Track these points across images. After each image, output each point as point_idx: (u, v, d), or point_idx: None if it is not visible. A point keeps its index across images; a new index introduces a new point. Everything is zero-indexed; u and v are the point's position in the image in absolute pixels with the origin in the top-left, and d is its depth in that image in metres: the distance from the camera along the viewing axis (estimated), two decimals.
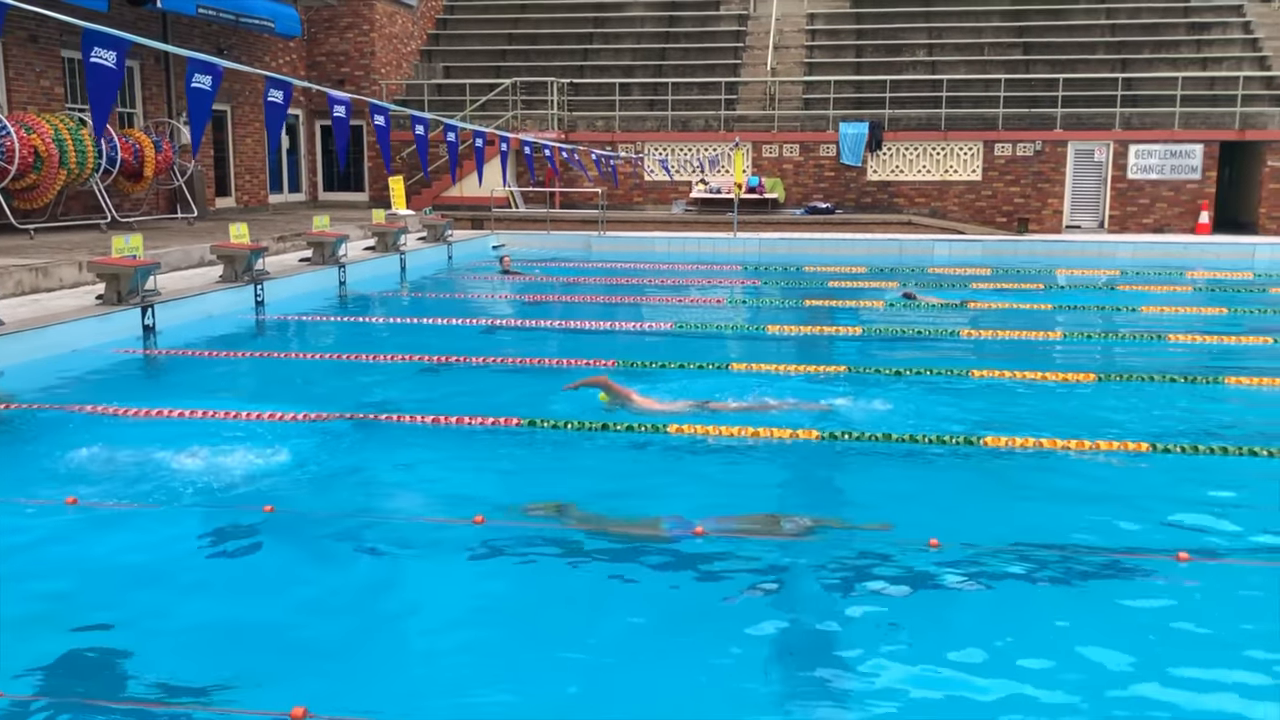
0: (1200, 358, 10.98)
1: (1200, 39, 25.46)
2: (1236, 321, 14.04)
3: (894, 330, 12.24)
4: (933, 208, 24.45)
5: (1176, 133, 23.24)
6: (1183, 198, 23.40)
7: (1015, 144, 23.90)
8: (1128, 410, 8.39)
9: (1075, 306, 14.75)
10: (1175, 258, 20.43)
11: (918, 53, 26.50)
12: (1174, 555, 5.27)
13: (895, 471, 6.89)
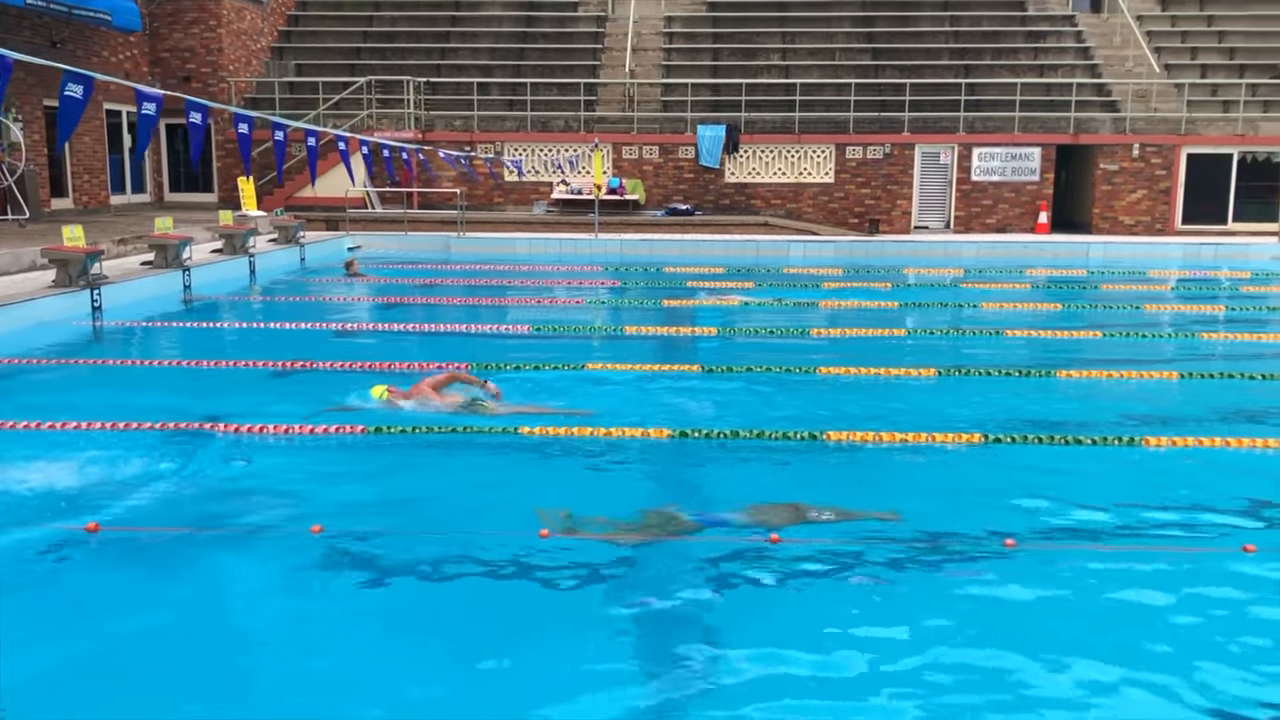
0: (1036, 352, 11.49)
1: (1037, 47, 26.69)
2: (1071, 316, 14.73)
3: (749, 330, 12.44)
4: (788, 209, 24.98)
5: (1016, 136, 24.30)
6: (1023, 199, 24.48)
7: (866, 147, 24.61)
8: (964, 403, 8.72)
9: (921, 304, 15.25)
10: (1016, 256, 21.36)
11: (772, 57, 27.04)
12: (1003, 541, 5.50)
13: (742, 468, 7.00)
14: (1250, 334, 12.65)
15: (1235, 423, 8.20)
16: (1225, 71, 25.58)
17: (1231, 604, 4.96)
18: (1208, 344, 12.06)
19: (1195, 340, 12.25)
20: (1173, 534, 5.80)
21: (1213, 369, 10.51)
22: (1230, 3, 27.72)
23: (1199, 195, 24.43)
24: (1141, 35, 26.35)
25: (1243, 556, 5.40)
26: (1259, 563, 5.34)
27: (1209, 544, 5.70)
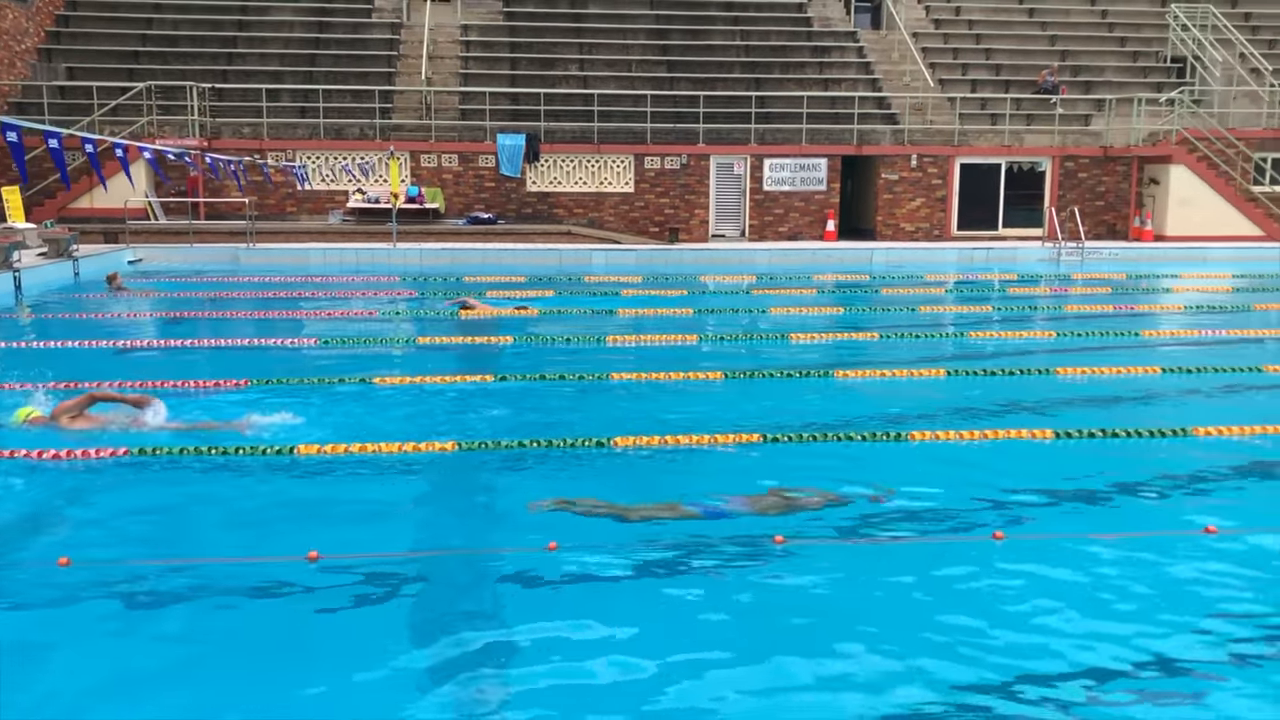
0: (818, 354, 11.94)
1: (822, 61, 27.85)
2: (855, 320, 15.42)
3: (547, 338, 12.47)
4: (590, 218, 25.19)
5: (804, 148, 25.28)
6: (812, 207, 25.48)
7: (663, 157, 25.09)
8: (748, 404, 8.99)
9: (716, 310, 15.65)
10: (806, 263, 22.19)
11: (570, 67, 27.22)
12: (772, 539, 5.70)
13: (517, 477, 6.99)
14: (1016, 331, 13.55)
15: (996, 416, 8.75)
16: (993, 87, 27.36)
17: (980, 592, 5.29)
18: (977, 343, 12.83)
19: (965, 340, 13.02)
20: (930, 526, 6.14)
21: (979, 366, 11.15)
22: (995, 24, 29.68)
23: (973, 202, 26.03)
24: (917, 51, 27.88)
25: (993, 544, 5.77)
26: (1006, 551, 5.72)
27: (964, 534, 6.05)
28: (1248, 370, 10.46)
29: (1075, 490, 6.70)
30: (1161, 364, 10.71)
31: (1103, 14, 30.38)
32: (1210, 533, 5.90)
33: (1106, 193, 26.23)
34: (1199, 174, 25.26)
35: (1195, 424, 8.19)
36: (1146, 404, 9.42)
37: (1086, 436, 7.89)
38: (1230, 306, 16.27)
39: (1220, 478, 7.15)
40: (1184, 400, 9.57)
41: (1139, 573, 5.46)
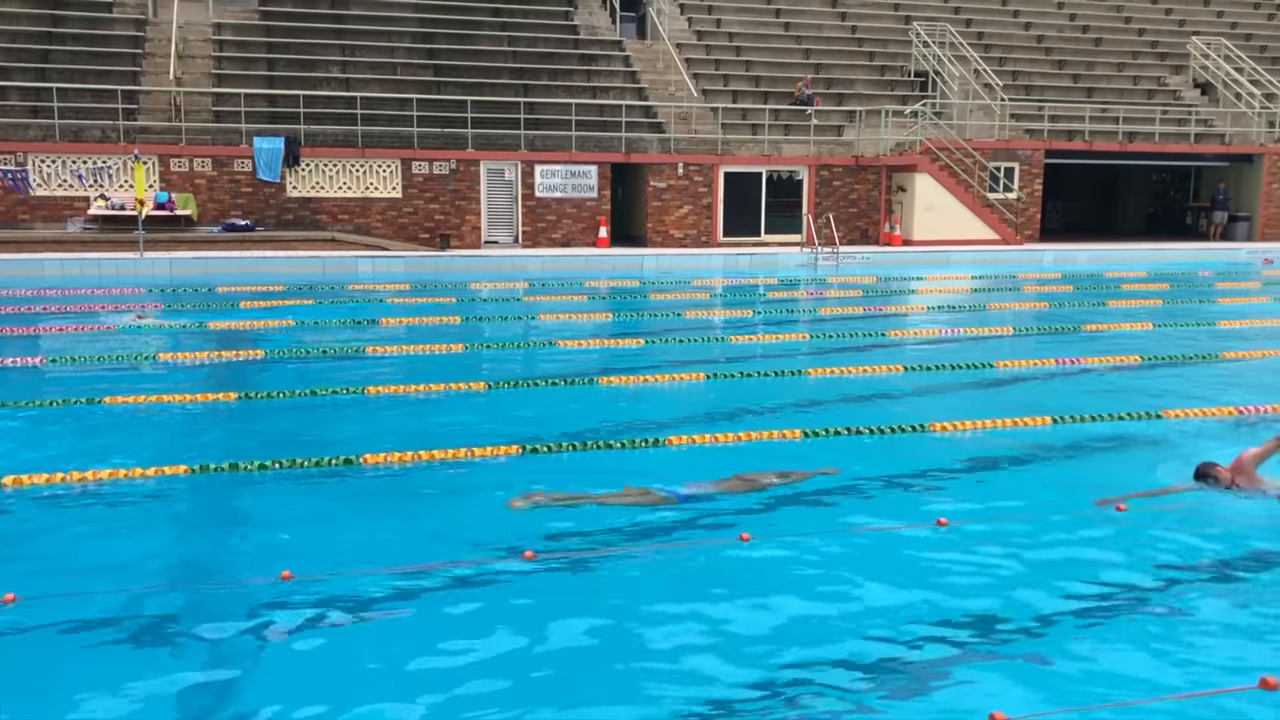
0: (588, 360, 11.99)
1: (589, 69, 28.07)
2: (625, 326, 15.56)
3: (300, 352, 11.94)
4: (357, 224, 24.43)
5: (574, 154, 25.39)
6: (584, 214, 25.62)
7: (432, 162, 24.63)
8: (509, 415, 8.88)
9: (485, 318, 15.44)
10: (579, 269, 22.30)
11: (332, 69, 26.33)
12: (521, 555, 5.60)
13: (272, 500, 6.64)
14: (775, 334, 14.02)
15: (751, 418, 8.99)
16: (753, 97, 28.33)
17: (725, 594, 5.37)
18: (738, 346, 13.20)
19: (727, 343, 13.36)
20: (683, 532, 6.20)
21: (738, 369, 11.44)
22: (754, 37, 30.77)
23: (737, 210, 26.84)
24: (681, 62, 28.54)
25: (740, 545, 5.88)
26: (754, 549, 5.84)
27: (713, 536, 6.14)
28: (981, 366, 11.19)
29: (818, 489, 6.94)
30: (904, 362, 11.31)
31: (852, 29, 32.03)
32: (941, 525, 6.22)
33: (859, 200, 27.62)
34: (941, 182, 26.97)
35: (932, 419, 8.67)
36: (891, 401, 9.91)
37: (832, 435, 8.21)
38: (967, 306, 17.42)
39: (953, 471, 7.58)
40: (923, 396, 10.13)
41: (875, 565, 5.69)
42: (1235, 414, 9.10)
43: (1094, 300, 17.67)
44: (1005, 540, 6.06)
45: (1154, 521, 6.39)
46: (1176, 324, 14.61)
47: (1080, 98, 30.68)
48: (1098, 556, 5.89)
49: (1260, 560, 5.90)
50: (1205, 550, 6.01)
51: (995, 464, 7.65)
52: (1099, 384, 10.64)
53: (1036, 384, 10.68)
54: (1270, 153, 29.95)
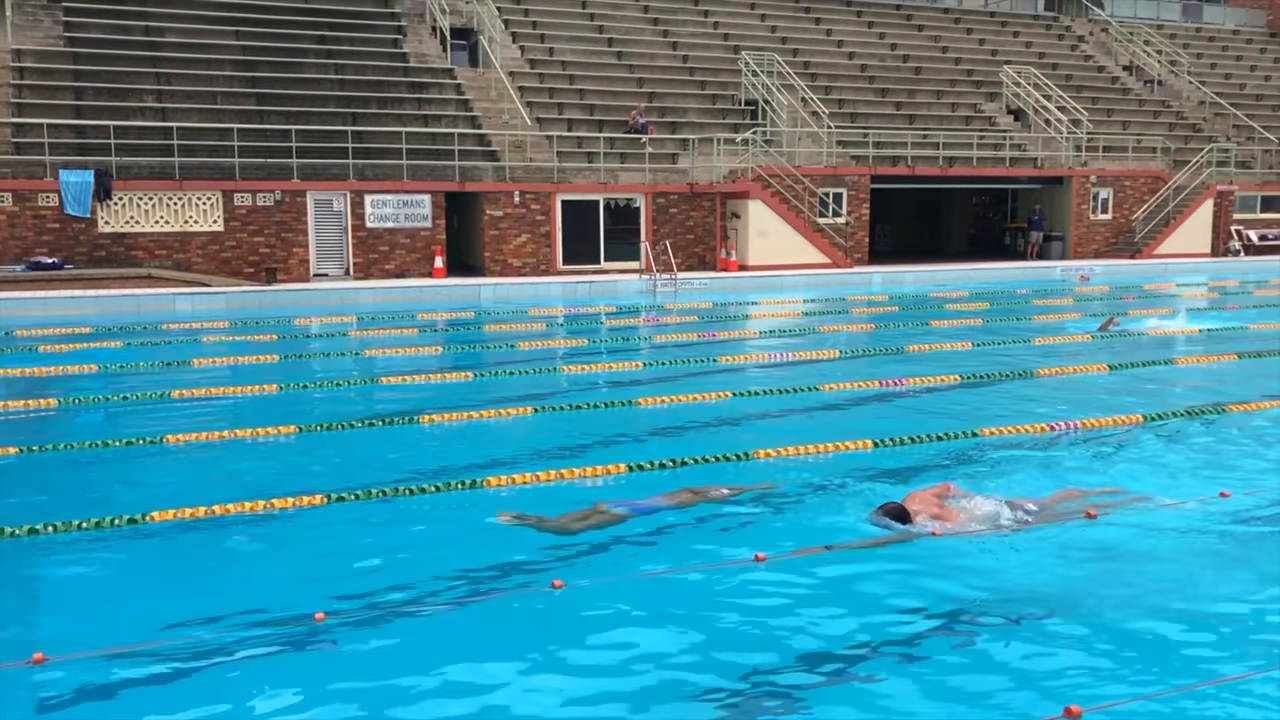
0: (416, 397, 11.51)
1: (420, 97, 27.56)
2: (455, 360, 15.12)
3: (99, 398, 11.13)
4: (176, 260, 23.26)
5: (406, 184, 24.83)
6: (419, 244, 25.06)
7: (255, 194, 23.69)
8: (323, 460, 8.42)
9: (304, 355, 14.82)
10: (412, 300, 21.75)
11: (146, 98, 25.09)
12: (313, 616, 5.21)
13: (52, 568, 6.05)
14: (610, 364, 13.85)
15: (570, 455, 8.76)
16: (588, 126, 28.32)
17: (535, 643, 5.12)
18: (571, 377, 12.96)
19: (557, 375, 13.11)
20: (492, 583, 5.90)
21: (567, 401, 11.19)
22: (587, 65, 30.82)
23: (576, 238, 26.72)
24: (514, 90, 28.34)
25: (551, 593, 5.63)
26: (563, 598, 5.60)
27: (523, 588, 5.87)
28: (807, 390, 11.26)
29: (642, 531, 6.74)
30: (734, 389, 11.30)
31: (684, 59, 32.45)
32: (759, 560, 6.10)
33: (696, 226, 27.89)
34: (773, 208, 27.48)
35: (757, 447, 8.62)
36: (720, 429, 9.84)
37: (657, 468, 8.06)
38: (798, 330, 17.64)
39: (779, 500, 7.50)
40: (751, 423, 10.11)
41: (695, 606, 5.52)
42: (1048, 430, 9.36)
43: (918, 321, 18.17)
44: (821, 574, 5.98)
45: (971, 550, 6.43)
46: (995, 342, 15.11)
47: (903, 125, 31.80)
48: (899, 588, 5.86)
49: (1017, 597, 5.99)
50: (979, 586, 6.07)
51: (817, 490, 7.61)
52: (919, 405, 10.83)
53: (862, 407, 10.79)
54: (1078, 175, 31.65)
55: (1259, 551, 6.44)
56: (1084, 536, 6.50)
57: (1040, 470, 8.13)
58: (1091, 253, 31.90)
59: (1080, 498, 7.07)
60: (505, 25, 31.21)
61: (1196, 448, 8.86)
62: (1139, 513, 6.94)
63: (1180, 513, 7.02)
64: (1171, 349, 14.69)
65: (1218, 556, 6.38)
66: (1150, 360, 13.29)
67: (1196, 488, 7.51)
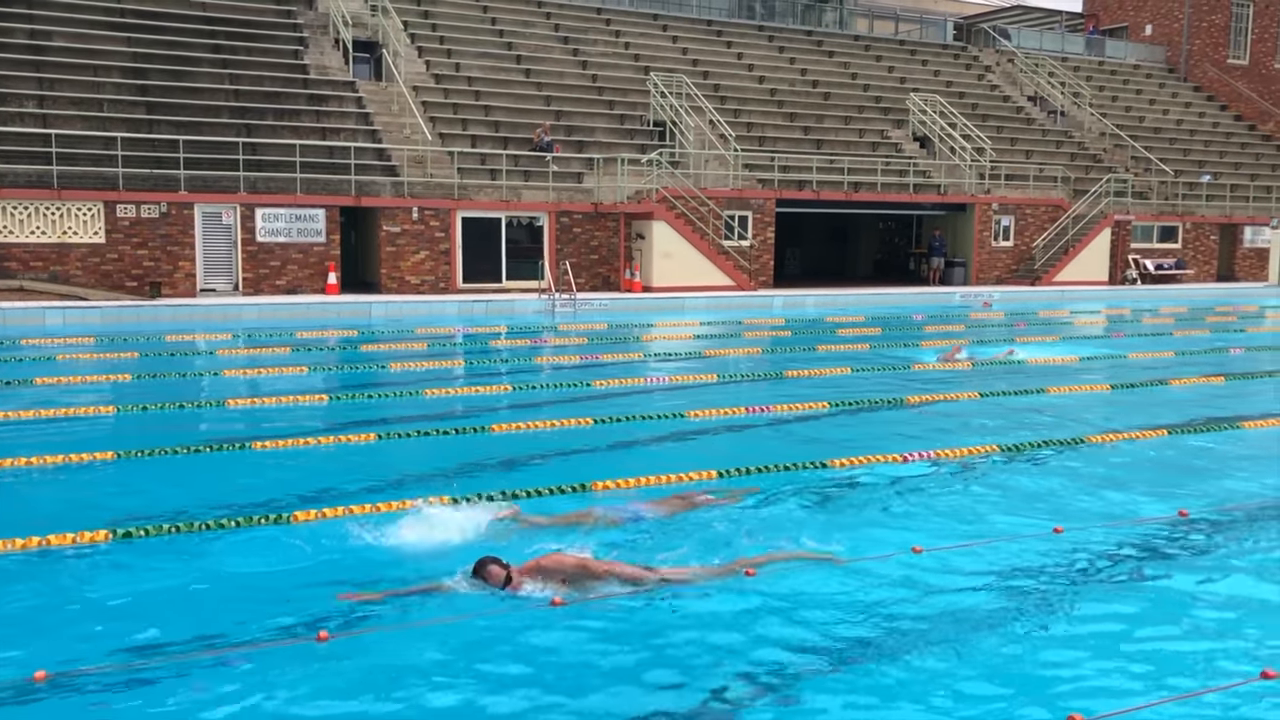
0: (267, 421, 11.00)
1: (319, 110, 26.97)
2: (322, 381, 14.62)
3: None
4: (53, 272, 22.37)
5: (299, 198, 24.22)
6: (312, 259, 24.44)
7: (140, 205, 22.90)
8: (122, 492, 7.93)
9: (161, 374, 14.20)
10: (299, 318, 21.13)
11: (27, 104, 24.16)
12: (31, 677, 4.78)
13: None
14: (481, 387, 13.48)
15: (412, 482, 8.39)
16: (492, 143, 27.96)
17: (304, 696, 4.76)
18: (433, 401, 12.56)
19: (419, 399, 12.68)
20: (259, 631, 5.52)
21: (428, 427, 10.77)
22: (494, 82, 30.49)
23: (477, 256, 26.30)
24: (417, 105, 27.90)
25: (316, 646, 5.26)
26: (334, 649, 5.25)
27: (290, 638, 5.50)
28: (669, 417, 11.02)
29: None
30: (596, 415, 11.01)
31: (593, 78, 32.29)
32: (557, 605, 5.80)
33: (600, 246, 27.66)
34: (678, 229, 27.36)
35: (595, 478, 8.33)
36: (568, 458, 9.54)
37: (485, 499, 7.72)
38: (681, 354, 17.32)
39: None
40: (607, 453, 9.83)
41: (481, 656, 5.21)
42: (901, 460, 9.21)
43: (805, 345, 18.08)
44: (621, 619, 5.70)
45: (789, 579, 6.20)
46: (875, 368, 15.03)
47: (810, 149, 31.97)
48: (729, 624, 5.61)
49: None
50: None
51: (640, 525, 7.34)
52: (783, 433, 10.64)
53: (727, 435, 10.57)
54: (980, 202, 32.09)
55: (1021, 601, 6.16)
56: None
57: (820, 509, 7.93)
58: (993, 279, 32.34)
59: (766, 561, 6.43)
60: (411, 39, 30.79)
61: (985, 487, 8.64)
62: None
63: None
64: (1031, 380, 14.72)
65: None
66: (1018, 390, 13.30)
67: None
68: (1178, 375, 14.45)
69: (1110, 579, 6.45)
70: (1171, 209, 35.78)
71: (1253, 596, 6.23)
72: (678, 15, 37.39)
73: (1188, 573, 6.55)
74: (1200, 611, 5.98)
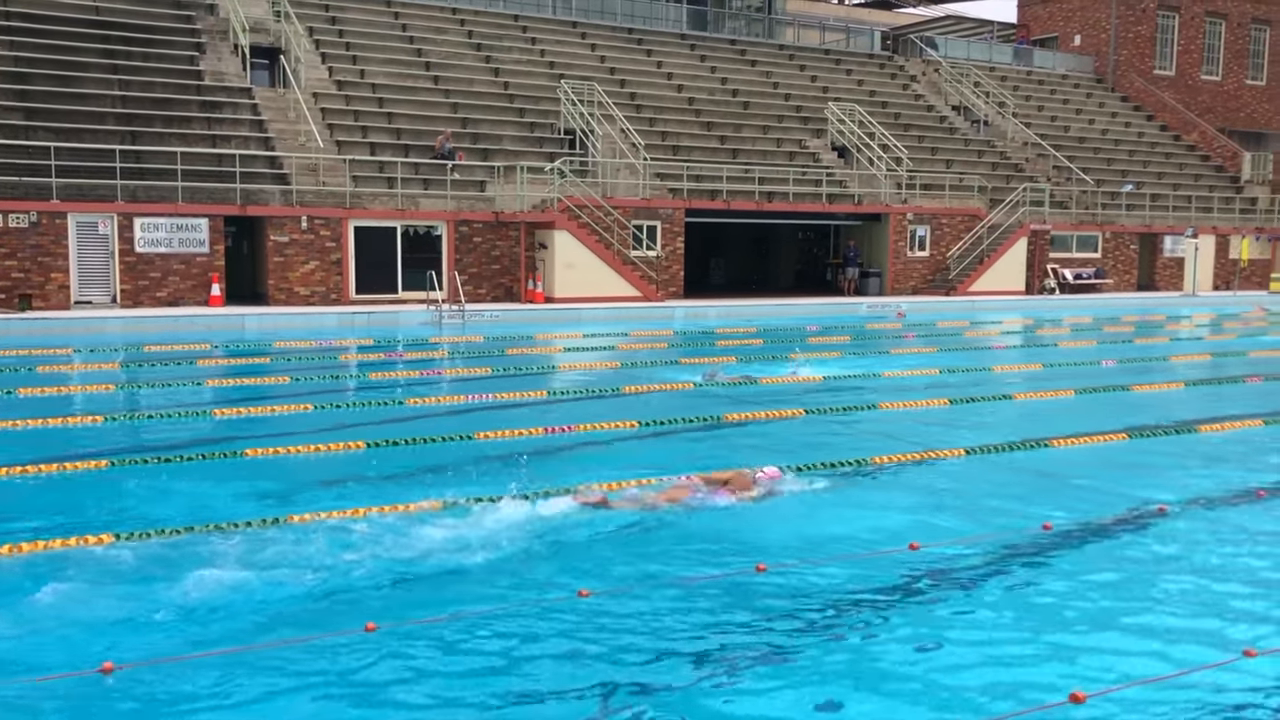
0: (73, 441, 10.37)
1: (211, 117, 26.30)
2: (149, 399, 13.97)
3: None
4: None
5: (181, 207, 23.55)
6: (195, 270, 23.76)
7: (9, 214, 22.17)
8: None
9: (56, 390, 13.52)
10: (165, 330, 20.44)
11: None
12: None
13: None
14: (312, 404, 12.85)
15: None
16: (393, 150, 27.38)
17: None
18: (226, 421, 11.92)
19: (205, 419, 12.08)
20: None
21: (218, 449, 10.13)
22: (400, 89, 29.95)
23: (372, 266, 25.72)
24: (316, 111, 27.30)
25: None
26: None
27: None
28: (458, 439, 10.48)
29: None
30: (407, 435, 10.47)
31: (505, 85, 31.81)
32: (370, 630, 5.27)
33: (502, 256, 27.14)
34: (581, 239, 26.89)
35: (357, 504, 7.82)
36: (343, 485, 9.00)
37: (312, 520, 7.21)
38: (536, 369, 16.74)
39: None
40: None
41: None
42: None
43: (668, 360, 17.59)
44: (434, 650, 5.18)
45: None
46: (727, 381, 14.58)
47: (726, 159, 31.62)
48: None
49: None
50: None
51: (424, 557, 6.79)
52: (563, 456, 10.12)
53: (497, 460, 9.94)
54: (895, 212, 31.85)
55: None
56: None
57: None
58: (909, 289, 32.09)
59: None
60: (316, 45, 30.19)
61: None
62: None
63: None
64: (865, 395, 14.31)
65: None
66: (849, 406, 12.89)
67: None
68: (996, 392, 14.08)
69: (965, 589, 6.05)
70: (1091, 218, 35.71)
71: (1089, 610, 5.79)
72: (599, 24, 36.98)
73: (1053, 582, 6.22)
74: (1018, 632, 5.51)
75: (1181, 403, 13.76)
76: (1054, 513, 7.97)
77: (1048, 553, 7.19)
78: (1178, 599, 6.34)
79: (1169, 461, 10.09)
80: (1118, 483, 9.12)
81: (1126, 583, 6.59)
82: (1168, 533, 7.68)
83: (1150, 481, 9.21)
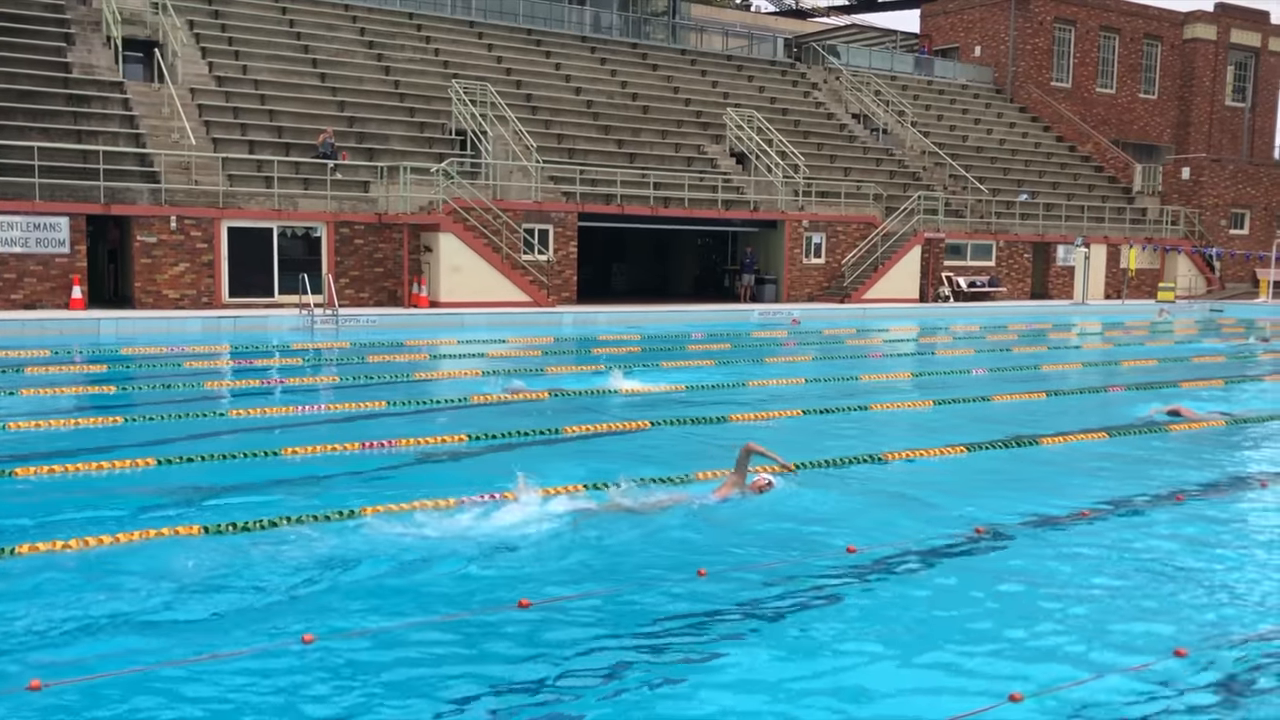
0: None
1: (78, 111, 25.17)
2: None
3: None
4: None
5: (39, 205, 22.44)
6: (54, 272, 22.65)
7: None
8: None
9: None
10: (13, 335, 19.40)
11: None
12: None
13: None
14: (135, 416, 12.12)
15: None
16: (273, 149, 26.47)
17: None
18: (50, 433, 11.21)
19: (77, 431, 11.33)
20: None
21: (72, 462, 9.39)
22: (284, 85, 29.04)
23: (246, 268, 24.79)
24: (193, 108, 26.30)
25: None
26: None
27: None
28: (264, 455, 9.87)
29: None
30: (199, 452, 9.82)
31: (395, 84, 31.06)
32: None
33: (385, 259, 26.40)
34: (468, 243, 26.26)
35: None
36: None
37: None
38: (390, 378, 16.09)
39: None
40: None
41: None
42: None
43: (537, 367, 17.08)
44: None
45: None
46: (581, 392, 14.14)
47: (623, 163, 31.23)
48: None
49: None
50: None
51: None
52: (376, 477, 9.55)
53: (306, 481, 9.34)
54: (791, 219, 31.76)
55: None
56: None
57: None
58: (805, 296, 32.03)
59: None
60: (197, 40, 29.17)
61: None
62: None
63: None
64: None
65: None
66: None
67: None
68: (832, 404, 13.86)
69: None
70: (986, 227, 36.06)
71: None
72: (497, 25, 36.39)
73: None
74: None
75: (1044, 414, 13.64)
76: (855, 539, 7.62)
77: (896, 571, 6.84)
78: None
79: (1012, 477, 9.86)
80: (953, 499, 8.81)
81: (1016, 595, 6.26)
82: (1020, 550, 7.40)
83: (993, 498, 8.94)
